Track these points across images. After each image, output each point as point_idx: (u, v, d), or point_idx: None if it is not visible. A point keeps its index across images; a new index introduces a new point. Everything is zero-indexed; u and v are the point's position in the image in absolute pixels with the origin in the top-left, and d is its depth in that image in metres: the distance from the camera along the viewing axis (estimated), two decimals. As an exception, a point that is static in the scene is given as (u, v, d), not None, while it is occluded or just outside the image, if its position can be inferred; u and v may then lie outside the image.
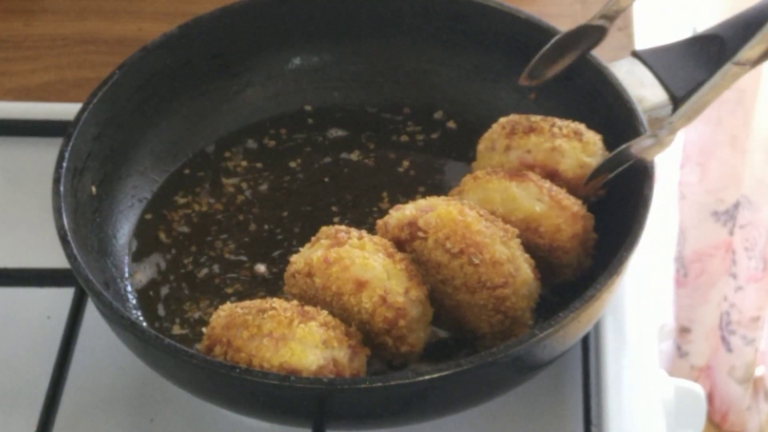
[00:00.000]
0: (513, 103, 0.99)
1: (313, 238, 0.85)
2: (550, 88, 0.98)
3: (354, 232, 0.84)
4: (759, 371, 1.84)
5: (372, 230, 0.86)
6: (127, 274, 0.92)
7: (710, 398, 1.86)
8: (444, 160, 1.00)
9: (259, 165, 1.00)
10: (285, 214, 0.97)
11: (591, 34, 0.95)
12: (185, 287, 0.92)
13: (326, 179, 0.99)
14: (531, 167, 0.88)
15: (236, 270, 0.93)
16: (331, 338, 0.79)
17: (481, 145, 0.92)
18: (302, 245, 0.86)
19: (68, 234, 0.85)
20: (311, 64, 1.04)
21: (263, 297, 0.87)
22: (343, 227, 0.85)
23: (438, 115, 1.03)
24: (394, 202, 0.95)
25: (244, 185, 0.99)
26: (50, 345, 0.88)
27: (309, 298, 0.83)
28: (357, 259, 0.81)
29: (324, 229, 0.85)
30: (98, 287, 0.82)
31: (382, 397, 0.77)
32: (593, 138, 0.89)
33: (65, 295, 0.90)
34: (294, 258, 0.84)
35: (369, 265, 0.81)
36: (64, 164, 0.89)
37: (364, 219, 0.95)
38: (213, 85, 1.02)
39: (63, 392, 0.85)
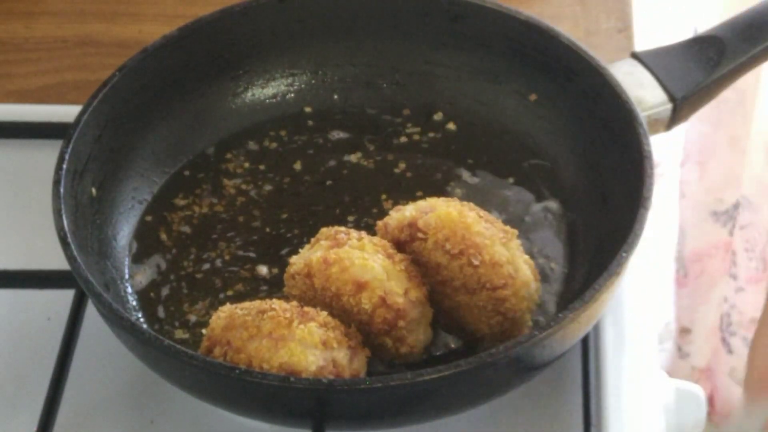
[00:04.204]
0: (513, 104, 0.99)
1: (312, 239, 0.85)
2: (550, 89, 0.98)
3: (354, 233, 0.84)
4: (759, 372, 1.84)
5: (372, 231, 0.86)
6: (127, 276, 0.92)
7: (711, 400, 1.86)
8: (444, 162, 1.00)
9: (260, 167, 1.00)
10: (285, 215, 0.97)
11: None
12: (185, 288, 0.92)
13: (327, 181, 0.99)
14: None
15: (237, 271, 0.93)
16: (331, 339, 0.79)
17: None
18: (302, 246, 0.86)
19: (68, 236, 0.85)
20: (311, 65, 1.04)
21: (263, 298, 0.87)
22: (342, 228, 0.85)
23: (438, 116, 1.03)
24: (394, 203, 0.95)
25: (244, 187, 0.99)
26: (50, 347, 0.88)
27: (309, 299, 0.83)
28: (356, 260, 0.81)
29: (324, 230, 0.85)
30: (98, 289, 0.82)
31: (381, 397, 0.77)
32: None
33: (65, 297, 0.90)
34: (293, 259, 0.84)
35: (368, 266, 0.81)
36: (64, 166, 0.89)
37: (364, 220, 0.95)
38: (213, 87, 1.02)
39: (63, 394, 0.85)
